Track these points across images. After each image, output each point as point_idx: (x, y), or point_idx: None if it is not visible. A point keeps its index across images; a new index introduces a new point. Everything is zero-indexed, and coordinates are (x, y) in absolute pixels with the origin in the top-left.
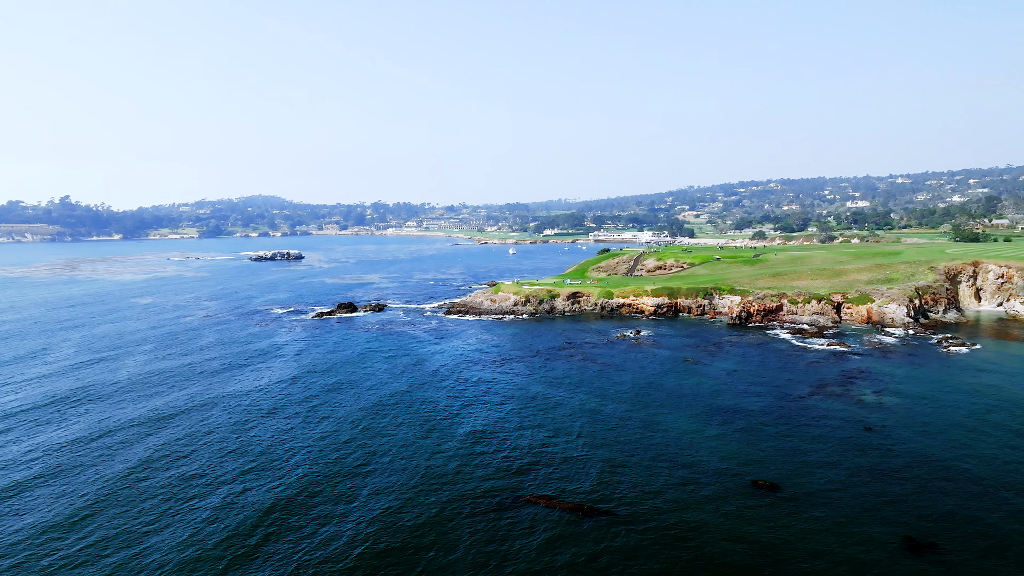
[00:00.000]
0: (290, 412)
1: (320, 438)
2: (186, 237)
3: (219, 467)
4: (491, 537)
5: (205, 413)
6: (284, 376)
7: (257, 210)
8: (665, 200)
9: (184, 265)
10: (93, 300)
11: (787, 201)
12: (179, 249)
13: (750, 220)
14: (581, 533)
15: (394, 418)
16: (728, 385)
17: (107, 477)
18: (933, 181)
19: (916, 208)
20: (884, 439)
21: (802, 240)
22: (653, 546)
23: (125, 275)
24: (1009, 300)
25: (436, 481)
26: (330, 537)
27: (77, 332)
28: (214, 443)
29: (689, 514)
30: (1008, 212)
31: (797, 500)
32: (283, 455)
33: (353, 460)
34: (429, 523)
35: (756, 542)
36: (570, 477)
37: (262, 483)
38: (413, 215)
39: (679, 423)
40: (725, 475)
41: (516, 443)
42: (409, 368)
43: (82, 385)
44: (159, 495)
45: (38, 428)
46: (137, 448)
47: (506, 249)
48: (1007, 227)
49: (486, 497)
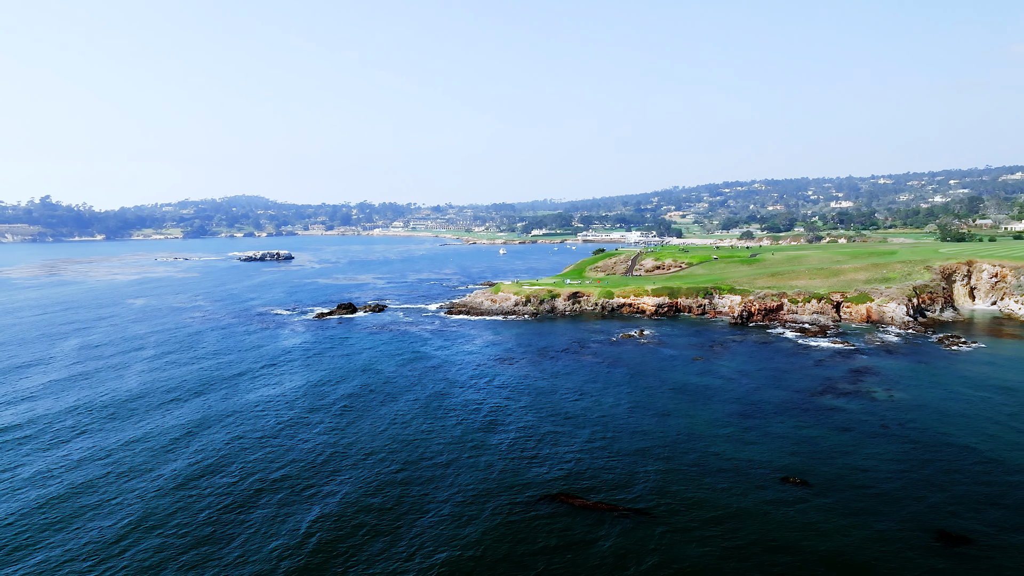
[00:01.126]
0: (317, 419)
1: (351, 446)
2: (170, 237)
3: (266, 480)
4: (548, 538)
5: (232, 423)
6: (301, 382)
7: (241, 210)
8: (651, 200)
9: (173, 266)
10: (87, 302)
11: (772, 201)
12: (165, 250)
13: (737, 220)
14: (626, 533)
15: (422, 424)
16: (741, 384)
17: (156, 490)
18: (915, 182)
19: (900, 208)
20: (904, 435)
21: (789, 240)
22: (695, 545)
23: (114, 276)
24: (1003, 299)
25: (483, 485)
26: (391, 546)
27: (78, 336)
28: (255, 453)
29: (727, 512)
30: (990, 212)
31: (828, 495)
32: (326, 465)
33: (394, 468)
34: (487, 529)
35: (795, 538)
36: (607, 479)
37: (312, 494)
38: (399, 215)
39: (700, 422)
40: (754, 472)
41: (551, 446)
42: (424, 371)
43: (98, 395)
44: (214, 510)
45: (61, 441)
46: (177, 463)
47: (496, 249)
48: (991, 227)
49: (535, 500)
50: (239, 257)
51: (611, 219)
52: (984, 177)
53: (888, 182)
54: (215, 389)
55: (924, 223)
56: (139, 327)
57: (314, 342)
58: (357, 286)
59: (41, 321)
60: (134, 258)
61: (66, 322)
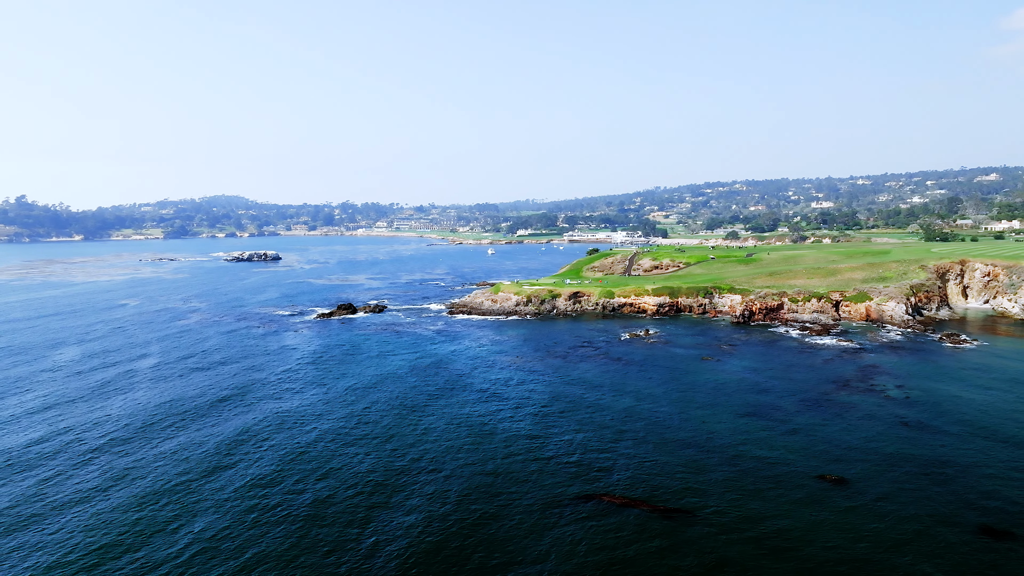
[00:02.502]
0: (343, 423)
1: (382, 450)
2: (151, 238)
3: (313, 488)
4: (587, 538)
5: (262, 433)
6: (317, 385)
7: (222, 210)
8: (634, 201)
9: (159, 266)
10: (81, 305)
11: (753, 202)
12: (147, 250)
13: (720, 220)
14: (665, 532)
15: (448, 425)
16: (755, 382)
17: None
18: (893, 182)
19: (881, 208)
20: (928, 431)
21: (774, 240)
22: (737, 544)
23: (101, 277)
24: (996, 297)
25: (518, 485)
26: (432, 549)
27: (80, 339)
28: (294, 463)
29: (765, 510)
30: (969, 212)
31: (867, 493)
32: (359, 468)
33: (432, 471)
34: (520, 527)
35: (840, 537)
36: (642, 478)
37: (347, 491)
38: (382, 215)
39: (723, 421)
40: (788, 470)
41: (579, 445)
42: (438, 372)
43: (132, 405)
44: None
45: (95, 457)
46: (232, 475)
47: (484, 250)
48: (971, 227)
49: (574, 499)
50: (225, 258)
51: (596, 219)
52: (960, 178)
53: (867, 183)
54: (241, 398)
55: (906, 223)
56: (142, 331)
57: (325, 345)
58: (351, 286)
59: (40, 326)
60: (117, 259)
61: (66, 327)
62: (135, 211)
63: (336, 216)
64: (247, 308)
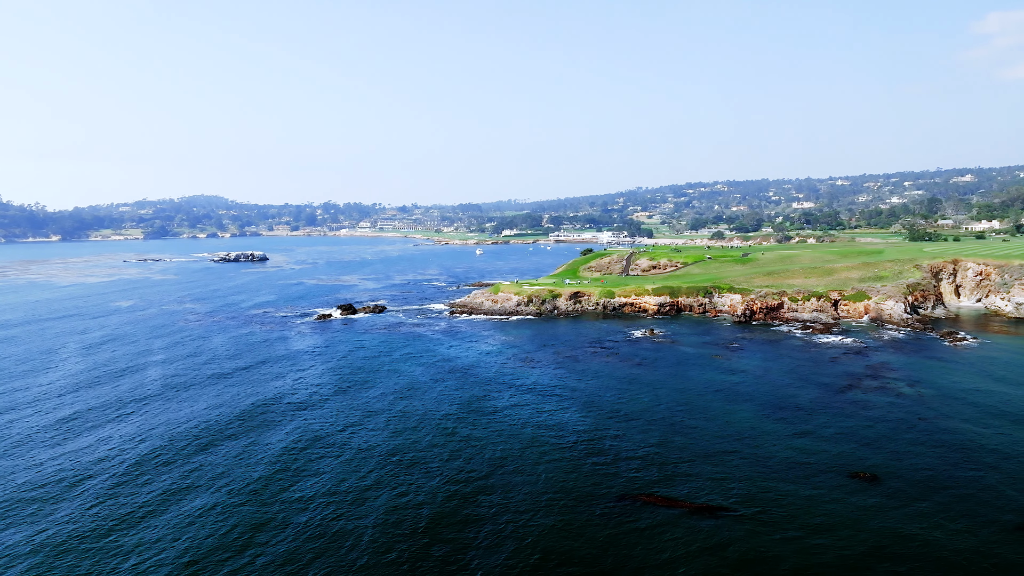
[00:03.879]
0: (371, 427)
1: (408, 453)
2: (130, 238)
3: (356, 494)
4: (627, 537)
5: (278, 438)
6: (334, 388)
7: (202, 210)
8: (616, 201)
9: (145, 267)
10: (74, 308)
11: (735, 202)
12: (128, 251)
13: (704, 221)
14: (707, 530)
15: (473, 427)
16: (769, 380)
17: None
18: (871, 183)
19: (862, 209)
20: (947, 427)
21: (760, 240)
22: (790, 544)
23: (88, 278)
24: (988, 296)
25: (559, 485)
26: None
27: (85, 348)
28: (336, 464)
29: (806, 508)
30: (949, 213)
31: (901, 490)
32: (397, 472)
33: (472, 472)
34: (577, 526)
35: (887, 534)
36: (676, 477)
37: (392, 495)
38: (365, 215)
39: (746, 419)
40: (819, 469)
41: (611, 446)
42: (452, 373)
43: (149, 422)
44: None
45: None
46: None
47: (471, 250)
48: (952, 227)
49: (614, 499)
50: (211, 258)
51: (580, 219)
52: (936, 179)
53: (846, 183)
54: (271, 409)
55: (888, 223)
56: (146, 337)
57: (335, 348)
58: (346, 287)
59: (37, 333)
60: (99, 259)
61: (65, 333)
62: (113, 211)
63: (318, 216)
64: (245, 310)
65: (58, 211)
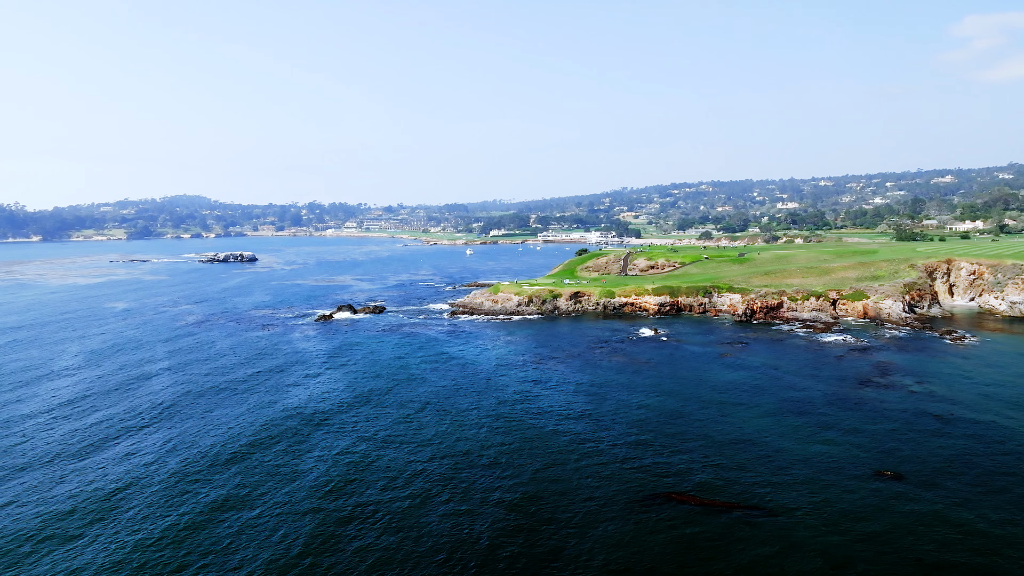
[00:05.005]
0: (399, 430)
1: (440, 456)
2: (113, 239)
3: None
4: (682, 539)
5: (311, 445)
6: (348, 390)
7: (186, 210)
8: (602, 201)
9: (132, 267)
10: (69, 310)
11: (720, 202)
12: (112, 251)
13: (692, 221)
14: (747, 529)
15: (506, 433)
16: (779, 379)
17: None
18: (854, 183)
19: (846, 209)
20: (963, 424)
21: (747, 240)
22: (815, 539)
23: (77, 279)
24: (982, 295)
25: (592, 489)
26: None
27: (86, 349)
28: (364, 483)
29: (836, 505)
30: (932, 213)
31: (929, 488)
32: (445, 479)
33: (518, 481)
34: (614, 526)
35: (912, 531)
36: (704, 476)
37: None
38: (351, 215)
39: (764, 418)
40: (842, 467)
41: (637, 446)
42: (464, 374)
43: (178, 431)
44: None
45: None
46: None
47: (461, 250)
48: (936, 227)
49: (647, 498)
50: (200, 259)
51: (568, 219)
52: (917, 180)
53: (829, 184)
54: (297, 416)
55: (873, 223)
56: (151, 341)
57: (342, 350)
58: (341, 287)
59: (37, 338)
60: (85, 260)
61: (67, 339)
62: (94, 211)
63: (303, 216)
64: (245, 311)
65: (38, 211)
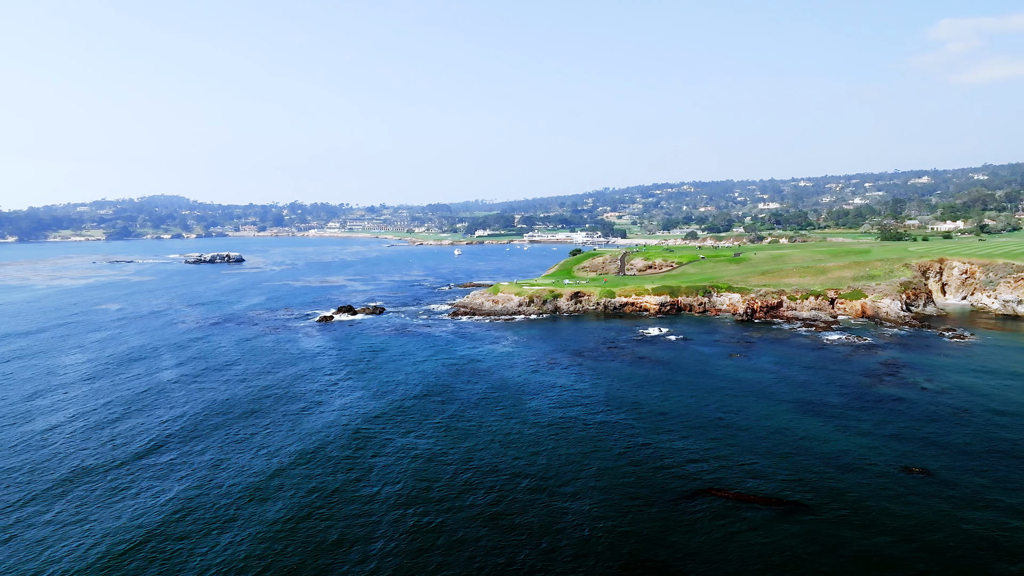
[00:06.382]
0: (428, 433)
1: (471, 460)
2: (92, 239)
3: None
4: (699, 527)
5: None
6: (377, 398)
7: (165, 210)
8: (585, 201)
9: (117, 269)
10: (63, 314)
11: (702, 203)
12: (91, 252)
13: (676, 221)
14: (793, 523)
15: (543, 438)
16: (791, 378)
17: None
18: (833, 184)
19: (828, 209)
20: (981, 420)
21: (733, 240)
22: (859, 534)
23: (63, 280)
24: (974, 294)
25: (620, 482)
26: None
27: (89, 357)
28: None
29: (870, 502)
30: (913, 213)
31: (957, 484)
32: (476, 481)
33: (541, 472)
34: (658, 520)
35: (950, 527)
36: (737, 472)
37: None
38: (333, 216)
39: (783, 416)
40: (869, 463)
41: (664, 445)
42: (478, 376)
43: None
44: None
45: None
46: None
47: (448, 251)
48: (918, 227)
49: (688, 494)
50: (185, 259)
51: (553, 220)
52: (895, 181)
53: (809, 184)
54: (292, 414)
55: (856, 223)
56: (150, 343)
57: (349, 351)
58: (335, 288)
59: (36, 344)
60: (67, 261)
61: (67, 346)
62: (71, 211)
63: (285, 217)
64: (242, 312)
65: (13, 211)
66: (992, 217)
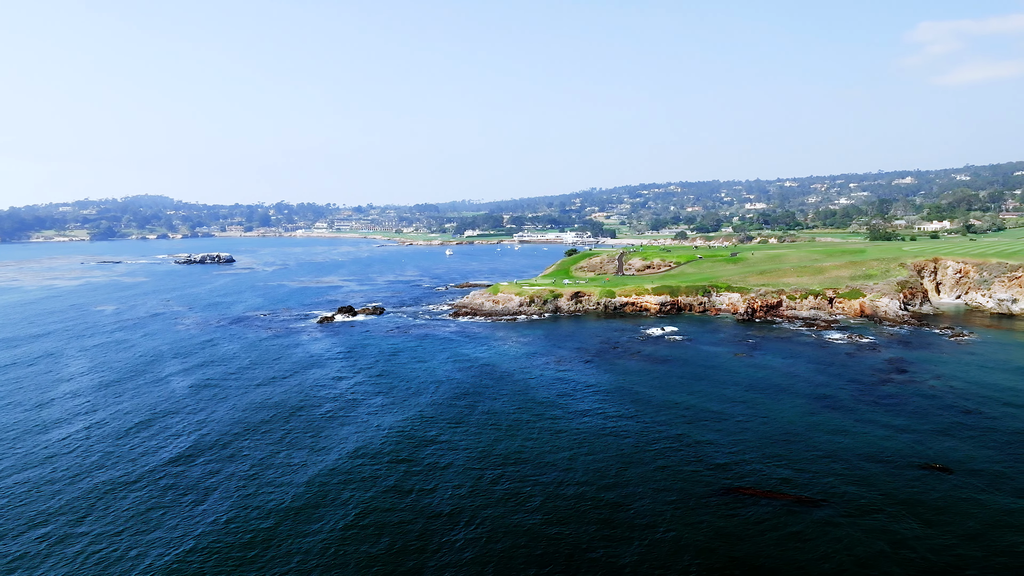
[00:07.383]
0: (448, 436)
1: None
2: (76, 240)
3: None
4: (729, 523)
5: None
6: (404, 405)
7: (150, 210)
8: (573, 202)
9: (106, 270)
10: (59, 317)
11: (689, 203)
12: (81, 252)
13: (664, 221)
14: (799, 516)
15: (565, 439)
16: (800, 376)
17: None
18: (818, 184)
19: (815, 209)
20: (993, 417)
21: (722, 240)
22: (877, 528)
23: (54, 281)
24: (968, 293)
25: (647, 480)
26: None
27: (93, 360)
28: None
29: (895, 499)
30: (899, 213)
31: (976, 479)
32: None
33: (583, 483)
34: (690, 518)
35: (979, 522)
36: (760, 471)
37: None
38: (320, 216)
39: (797, 415)
40: (887, 460)
41: (687, 445)
42: (489, 377)
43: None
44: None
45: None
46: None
47: (439, 251)
48: (905, 227)
49: (716, 493)
50: (175, 260)
51: (542, 220)
52: (879, 181)
53: (794, 184)
54: (310, 418)
55: (843, 223)
56: (152, 346)
57: (356, 352)
58: (330, 288)
59: (36, 349)
60: (54, 262)
61: (68, 350)
62: (53, 211)
63: (272, 217)
64: (241, 314)
65: None
66: (977, 217)
